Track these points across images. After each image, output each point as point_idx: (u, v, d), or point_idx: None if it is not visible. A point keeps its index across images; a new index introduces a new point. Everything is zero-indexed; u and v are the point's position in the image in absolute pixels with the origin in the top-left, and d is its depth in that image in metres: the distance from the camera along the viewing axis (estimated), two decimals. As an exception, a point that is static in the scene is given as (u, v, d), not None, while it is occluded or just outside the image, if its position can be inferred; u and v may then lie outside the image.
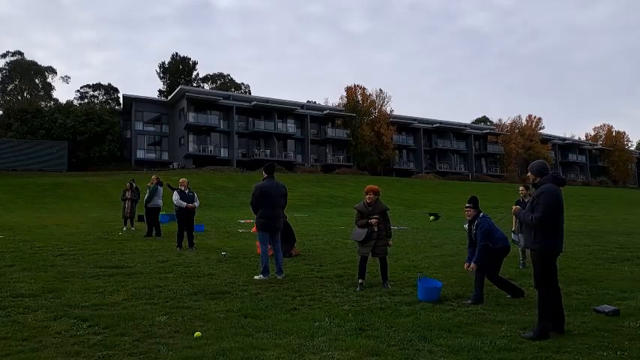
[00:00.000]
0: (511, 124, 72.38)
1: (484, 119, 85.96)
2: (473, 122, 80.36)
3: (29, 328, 4.85)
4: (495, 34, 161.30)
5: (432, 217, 11.04)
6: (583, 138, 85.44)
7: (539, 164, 5.17)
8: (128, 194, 15.45)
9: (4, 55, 60.48)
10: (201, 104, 51.72)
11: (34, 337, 4.59)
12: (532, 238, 4.91)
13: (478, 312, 5.69)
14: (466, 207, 6.56)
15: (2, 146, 43.13)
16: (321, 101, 66.99)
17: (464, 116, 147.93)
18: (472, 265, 6.24)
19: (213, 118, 51.70)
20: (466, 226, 6.67)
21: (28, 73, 60.21)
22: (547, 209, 4.78)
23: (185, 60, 66.60)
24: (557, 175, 5.05)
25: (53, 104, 56.74)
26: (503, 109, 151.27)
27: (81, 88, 64.29)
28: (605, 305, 5.75)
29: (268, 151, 53.18)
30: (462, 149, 67.42)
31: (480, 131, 70.48)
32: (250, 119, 54.14)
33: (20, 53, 61.17)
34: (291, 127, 56.45)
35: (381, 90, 62.47)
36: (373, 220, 6.98)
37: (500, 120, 75.02)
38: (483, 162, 69.89)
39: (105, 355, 4.15)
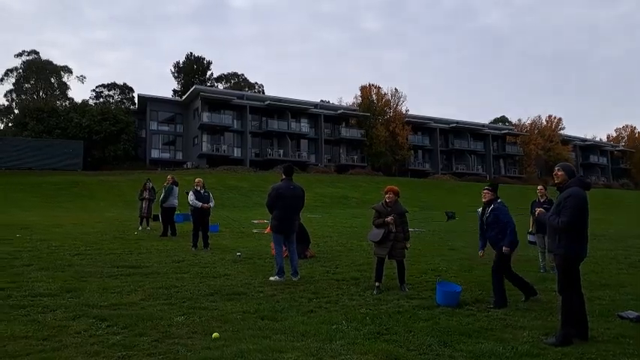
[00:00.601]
0: (530, 124, 71.27)
1: (503, 119, 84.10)
2: (491, 122, 78.90)
3: (49, 328, 4.88)
4: (514, 32, 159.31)
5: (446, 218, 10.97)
6: (604, 139, 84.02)
7: (570, 165, 5.10)
8: (146, 194, 15.56)
9: (19, 55, 61.23)
10: (215, 104, 51.92)
11: (55, 337, 4.61)
12: (556, 242, 4.83)
13: (499, 317, 5.61)
14: (485, 189, 6.52)
15: (18, 145, 43.58)
16: (334, 101, 66.94)
17: (481, 116, 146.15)
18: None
19: (226, 118, 51.86)
20: (479, 210, 6.60)
21: (44, 73, 60.79)
22: (575, 213, 4.69)
23: (199, 60, 66.96)
24: (583, 179, 4.96)
25: (69, 104, 57.24)
26: (522, 109, 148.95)
27: (96, 87, 64.78)
28: (629, 311, 5.65)
29: (281, 151, 53.21)
30: (480, 150, 66.49)
31: (498, 131, 69.54)
32: (264, 119, 54.19)
33: (36, 52, 61.79)
34: (304, 126, 56.26)
35: (396, 89, 62.09)
36: (389, 219, 6.89)
37: (519, 120, 73.89)
38: (502, 163, 68.86)
39: (124, 356, 4.16)
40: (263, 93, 68.01)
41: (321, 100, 65.44)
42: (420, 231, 17.22)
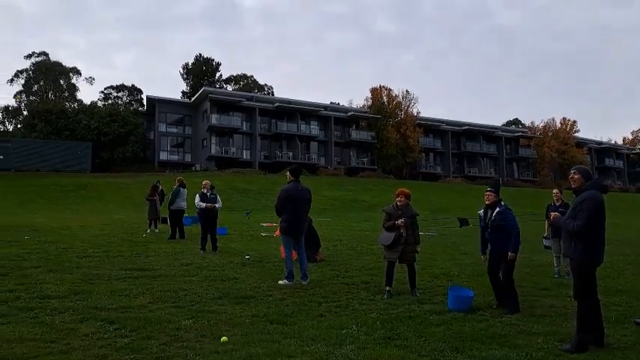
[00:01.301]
0: (544, 127, 70.45)
1: (516, 121, 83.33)
2: (504, 125, 78.28)
3: (57, 330, 4.85)
4: (527, 32, 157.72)
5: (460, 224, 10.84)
6: (620, 142, 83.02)
7: (586, 168, 4.99)
8: (156, 196, 15.63)
9: (29, 56, 61.65)
10: (224, 106, 51.93)
11: (62, 339, 4.59)
12: (572, 246, 4.73)
13: (512, 323, 5.51)
14: (487, 191, 6.41)
15: (26, 147, 43.80)
16: (345, 103, 66.65)
17: (494, 118, 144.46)
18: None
19: (235, 120, 51.82)
20: (481, 212, 6.49)
21: (53, 74, 61.09)
22: (590, 216, 4.59)
23: (208, 61, 67.09)
24: (600, 182, 4.86)
25: (77, 105, 57.48)
26: (536, 112, 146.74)
27: (105, 89, 65.03)
28: (646, 318, 5.53)
29: (291, 154, 53.06)
30: (493, 152, 65.84)
31: (511, 134, 68.75)
32: (273, 121, 54.10)
33: (45, 54, 62.15)
34: (314, 128, 56.02)
35: (407, 91, 61.06)
36: (399, 222, 6.81)
37: (532, 123, 73.02)
38: (515, 166, 68.09)
39: (133, 359, 4.13)
40: (272, 95, 68.02)
41: (331, 102, 65.35)
42: (432, 235, 17.09)
